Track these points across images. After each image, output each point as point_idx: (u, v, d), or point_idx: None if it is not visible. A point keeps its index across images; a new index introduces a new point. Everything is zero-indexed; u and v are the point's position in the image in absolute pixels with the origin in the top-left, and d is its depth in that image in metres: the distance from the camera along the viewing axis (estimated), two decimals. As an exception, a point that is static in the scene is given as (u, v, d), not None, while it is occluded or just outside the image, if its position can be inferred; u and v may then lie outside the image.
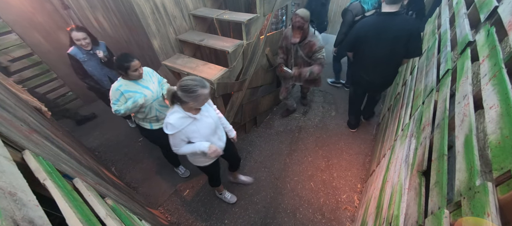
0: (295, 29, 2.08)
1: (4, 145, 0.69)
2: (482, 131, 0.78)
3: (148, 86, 1.78)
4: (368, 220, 1.53)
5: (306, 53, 2.25)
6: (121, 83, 1.68)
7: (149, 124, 1.91)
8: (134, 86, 1.72)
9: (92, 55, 2.19)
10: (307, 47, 2.20)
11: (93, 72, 2.30)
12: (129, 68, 1.61)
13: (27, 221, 0.51)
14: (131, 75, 1.66)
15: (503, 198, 0.57)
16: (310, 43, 2.17)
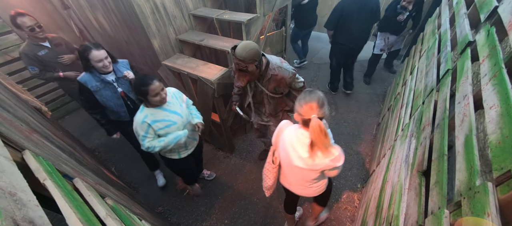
0: (237, 71, 1.50)
1: (4, 145, 0.69)
2: (482, 131, 0.78)
3: (176, 111, 1.52)
4: (368, 220, 1.53)
5: (273, 89, 1.64)
6: (145, 114, 1.40)
7: (177, 154, 1.70)
8: (161, 114, 1.45)
9: (107, 83, 1.70)
10: (272, 82, 1.60)
11: (108, 103, 1.77)
12: (147, 93, 1.33)
13: (27, 221, 0.51)
14: (153, 101, 1.37)
15: (503, 198, 0.57)
16: (277, 77, 1.56)
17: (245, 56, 1.37)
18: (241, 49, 1.37)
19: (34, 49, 2.06)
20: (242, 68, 1.42)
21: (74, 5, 2.44)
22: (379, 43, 3.25)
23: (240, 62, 1.39)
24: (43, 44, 2.13)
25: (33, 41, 2.07)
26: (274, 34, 2.72)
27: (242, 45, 1.39)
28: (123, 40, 2.34)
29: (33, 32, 2.01)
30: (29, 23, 1.97)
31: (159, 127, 1.44)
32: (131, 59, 2.56)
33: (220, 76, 1.97)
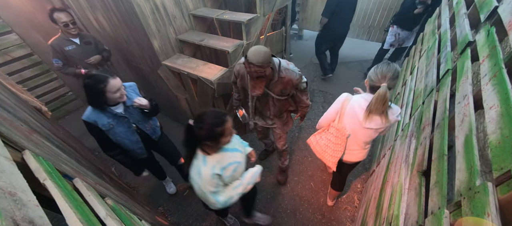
0: (253, 79, 1.44)
1: (4, 145, 0.69)
2: (482, 131, 0.78)
3: (236, 147, 1.27)
4: (368, 220, 1.53)
5: (279, 92, 1.59)
6: (212, 164, 1.11)
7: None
8: (226, 157, 1.18)
9: (119, 117, 1.43)
10: (279, 85, 1.55)
11: (123, 141, 1.51)
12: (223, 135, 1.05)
13: (27, 221, 0.51)
14: (223, 142, 1.10)
15: (503, 198, 0.57)
16: (284, 80, 1.51)
17: (262, 61, 1.30)
18: (256, 55, 1.30)
19: (62, 44, 2.13)
20: (261, 74, 1.37)
21: (74, 5, 2.44)
22: (390, 39, 3.26)
23: (258, 69, 1.32)
24: (73, 40, 2.19)
25: (64, 36, 2.14)
26: (274, 34, 2.72)
27: (255, 52, 1.31)
28: (123, 40, 2.34)
29: (67, 28, 2.08)
30: (65, 19, 2.05)
31: (228, 173, 1.18)
32: (131, 59, 2.57)
33: (220, 76, 1.97)
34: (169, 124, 3.22)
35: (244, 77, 1.61)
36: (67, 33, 2.13)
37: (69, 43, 2.16)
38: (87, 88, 1.26)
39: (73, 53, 2.19)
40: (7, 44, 2.67)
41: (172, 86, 2.40)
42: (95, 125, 1.36)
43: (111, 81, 1.28)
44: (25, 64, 2.88)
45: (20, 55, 2.80)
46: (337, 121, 1.48)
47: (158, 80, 2.46)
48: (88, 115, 1.35)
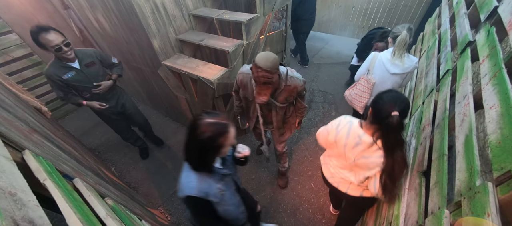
0: (260, 84, 1.37)
1: (4, 145, 0.69)
2: (482, 131, 0.78)
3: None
4: (368, 220, 1.53)
5: (284, 99, 1.56)
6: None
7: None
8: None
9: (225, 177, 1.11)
10: (284, 93, 1.52)
11: (229, 208, 1.17)
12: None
13: (27, 221, 0.51)
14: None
15: (503, 198, 0.57)
16: (290, 88, 1.49)
17: (271, 66, 1.26)
18: (265, 60, 1.26)
19: (59, 72, 1.71)
20: (268, 80, 1.31)
21: (74, 5, 2.44)
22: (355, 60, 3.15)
23: (266, 74, 1.27)
24: (71, 65, 1.76)
25: (59, 62, 1.72)
26: (274, 34, 2.72)
27: (265, 56, 1.28)
28: (123, 40, 2.34)
29: (60, 52, 1.62)
30: (56, 41, 1.56)
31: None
32: (131, 59, 2.57)
33: (220, 76, 1.97)
34: (169, 125, 3.22)
35: (247, 87, 1.56)
36: (62, 58, 1.69)
37: (67, 70, 1.74)
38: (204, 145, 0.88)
39: (75, 80, 1.80)
40: (7, 44, 2.67)
41: (172, 86, 2.40)
42: (206, 199, 0.99)
43: (231, 130, 0.93)
44: (25, 64, 2.88)
45: (20, 55, 2.80)
46: (366, 74, 1.84)
47: (158, 80, 2.46)
48: (197, 186, 0.96)
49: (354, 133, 1.14)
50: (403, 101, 0.97)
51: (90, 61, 1.86)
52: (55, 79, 1.72)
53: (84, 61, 1.82)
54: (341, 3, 4.38)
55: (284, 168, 2.27)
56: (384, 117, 0.96)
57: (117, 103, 2.21)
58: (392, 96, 0.99)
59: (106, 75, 2.03)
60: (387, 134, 0.99)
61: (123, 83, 3.60)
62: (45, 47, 1.56)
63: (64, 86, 1.79)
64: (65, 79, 1.75)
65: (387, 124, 0.95)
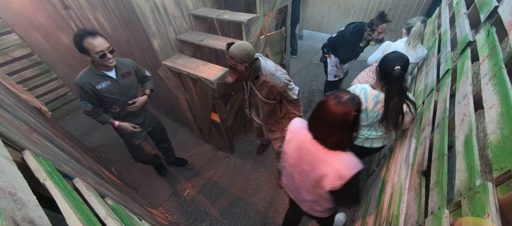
0: (228, 66, 1.51)
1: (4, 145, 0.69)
2: (482, 131, 0.78)
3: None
4: (368, 220, 1.53)
5: (265, 95, 1.64)
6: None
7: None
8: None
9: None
10: (264, 89, 1.61)
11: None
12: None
13: (27, 221, 0.51)
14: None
15: (503, 198, 0.57)
16: (268, 84, 1.56)
17: (235, 54, 1.37)
18: (235, 47, 1.39)
19: (93, 81, 1.56)
20: (231, 65, 1.44)
21: (74, 5, 2.44)
22: (332, 70, 2.88)
23: (229, 59, 1.41)
24: (107, 74, 1.61)
25: (95, 70, 1.57)
26: (274, 34, 2.72)
27: (237, 44, 1.41)
28: (123, 40, 2.34)
29: (104, 59, 1.50)
30: (102, 46, 1.46)
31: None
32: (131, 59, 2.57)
33: (220, 76, 1.97)
34: (169, 125, 3.22)
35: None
36: (103, 66, 1.55)
37: (103, 79, 1.59)
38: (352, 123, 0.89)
39: (108, 91, 1.63)
40: (7, 44, 2.67)
41: (172, 86, 2.40)
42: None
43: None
44: (25, 64, 2.88)
45: (20, 55, 2.80)
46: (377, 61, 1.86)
47: (158, 80, 2.46)
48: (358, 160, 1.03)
49: (370, 95, 1.39)
50: (404, 58, 1.26)
51: (126, 72, 1.71)
52: (87, 89, 1.54)
53: (121, 71, 1.67)
54: (341, 3, 4.38)
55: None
56: (389, 72, 1.24)
57: (145, 122, 2.00)
58: (395, 56, 1.29)
59: (139, 89, 1.86)
60: (390, 84, 1.25)
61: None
62: (87, 52, 1.45)
63: (94, 98, 1.61)
64: (98, 90, 1.58)
65: (391, 76, 1.23)
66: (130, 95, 1.76)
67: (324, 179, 0.97)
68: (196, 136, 3.00)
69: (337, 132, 0.90)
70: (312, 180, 1.04)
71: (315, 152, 0.98)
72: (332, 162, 0.93)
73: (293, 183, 1.21)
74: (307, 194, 1.15)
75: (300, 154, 1.05)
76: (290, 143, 1.10)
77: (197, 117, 2.59)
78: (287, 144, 1.13)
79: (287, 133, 1.14)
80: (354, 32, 2.43)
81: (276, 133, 1.98)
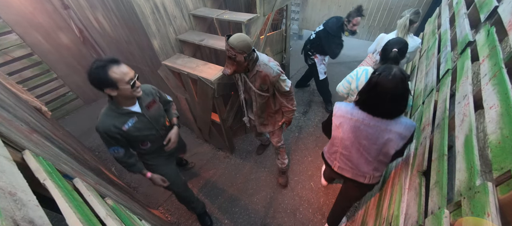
0: (227, 57, 1.53)
1: (4, 145, 0.69)
2: (482, 131, 0.78)
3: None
4: (368, 220, 1.53)
5: (259, 86, 1.67)
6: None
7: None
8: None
9: None
10: (258, 79, 1.63)
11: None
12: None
13: (27, 221, 0.51)
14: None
15: (503, 198, 0.57)
16: (261, 74, 1.59)
17: (235, 45, 1.41)
18: (234, 38, 1.43)
19: (118, 122, 1.27)
20: (231, 55, 1.47)
21: (74, 5, 2.44)
22: (322, 68, 2.92)
23: (230, 49, 1.44)
24: (131, 110, 1.31)
25: (116, 109, 1.27)
26: (274, 34, 2.72)
27: (236, 35, 1.45)
28: (123, 40, 2.34)
29: (134, 89, 1.22)
30: (131, 73, 1.20)
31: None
32: (131, 59, 2.57)
33: (220, 76, 1.97)
34: (169, 124, 3.22)
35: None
36: (126, 100, 1.27)
37: (128, 117, 1.30)
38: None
39: (136, 130, 1.34)
40: (7, 44, 2.67)
41: (172, 86, 2.40)
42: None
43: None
44: (25, 64, 2.88)
45: (20, 55, 2.80)
46: (373, 54, 2.23)
47: (158, 80, 2.46)
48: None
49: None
50: (402, 43, 1.53)
51: (150, 101, 1.43)
52: (114, 134, 1.26)
53: (145, 102, 1.39)
54: (341, 3, 4.38)
55: (284, 164, 2.28)
56: (388, 53, 1.51)
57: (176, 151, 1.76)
58: (395, 40, 1.55)
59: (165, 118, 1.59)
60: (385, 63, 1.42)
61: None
62: (115, 85, 1.15)
63: (123, 142, 1.34)
64: (125, 131, 1.30)
65: (388, 57, 1.50)
66: (159, 126, 1.50)
67: (388, 144, 1.13)
68: (196, 136, 3.00)
69: (398, 102, 1.05)
70: (374, 151, 1.19)
71: (375, 126, 1.13)
72: (393, 128, 1.10)
73: (350, 163, 1.33)
74: (367, 165, 1.27)
75: (357, 133, 1.19)
76: (342, 127, 1.24)
77: (197, 117, 2.59)
78: (338, 128, 1.26)
79: (335, 119, 1.27)
80: (337, 28, 2.56)
81: (268, 126, 2.00)
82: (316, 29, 2.75)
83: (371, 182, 1.34)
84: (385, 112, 1.10)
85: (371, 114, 1.13)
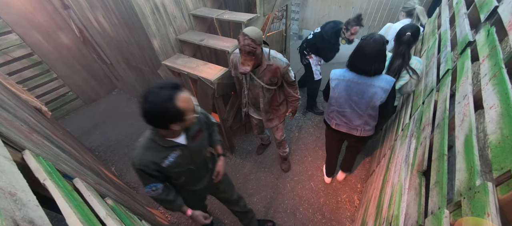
0: (244, 54, 1.46)
1: (4, 145, 0.69)
2: (482, 131, 0.78)
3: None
4: (368, 220, 1.53)
5: (268, 80, 1.65)
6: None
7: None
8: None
9: None
10: (268, 73, 1.62)
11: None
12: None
13: (27, 221, 0.51)
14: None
15: (503, 198, 0.57)
16: (272, 67, 1.59)
17: (256, 36, 1.41)
18: (251, 31, 1.42)
19: (158, 158, 1.05)
20: (251, 50, 1.44)
21: (74, 5, 2.44)
22: (316, 69, 2.87)
23: (251, 43, 1.41)
24: (175, 142, 1.08)
25: (160, 141, 1.05)
26: (274, 34, 2.72)
27: (250, 28, 1.45)
28: (123, 40, 2.34)
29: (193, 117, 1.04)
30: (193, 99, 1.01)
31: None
32: (131, 59, 2.57)
33: (220, 76, 1.97)
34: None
35: (237, 66, 1.65)
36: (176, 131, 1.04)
37: (170, 151, 1.08)
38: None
39: (176, 165, 1.12)
40: (7, 44, 2.67)
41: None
42: None
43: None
44: (25, 64, 2.88)
45: (20, 55, 2.80)
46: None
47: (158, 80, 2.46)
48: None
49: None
50: (415, 27, 1.69)
51: (197, 130, 1.19)
52: (151, 171, 1.05)
53: (191, 131, 1.14)
54: (341, 3, 4.38)
55: (285, 153, 2.41)
56: (402, 37, 1.62)
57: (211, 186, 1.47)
58: (409, 25, 1.71)
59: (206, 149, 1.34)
60: (398, 47, 1.62)
61: (122, 84, 3.61)
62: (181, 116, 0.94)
63: (161, 177, 1.13)
64: (165, 167, 1.08)
65: (402, 40, 1.61)
66: (200, 159, 1.27)
67: (374, 97, 1.39)
68: (196, 136, 3.00)
69: (377, 61, 1.32)
70: (363, 105, 1.46)
71: (362, 83, 1.40)
72: (376, 83, 1.37)
73: (344, 118, 1.61)
74: (358, 119, 1.55)
75: (349, 91, 1.46)
76: (337, 87, 1.51)
77: (197, 116, 2.59)
78: (334, 90, 1.53)
79: (332, 82, 1.53)
80: (332, 34, 2.53)
81: (274, 121, 2.02)
82: (315, 30, 2.75)
83: (362, 135, 1.63)
84: (367, 70, 1.35)
85: (357, 73, 1.40)
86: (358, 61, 1.38)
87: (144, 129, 1.08)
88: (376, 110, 1.46)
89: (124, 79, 3.37)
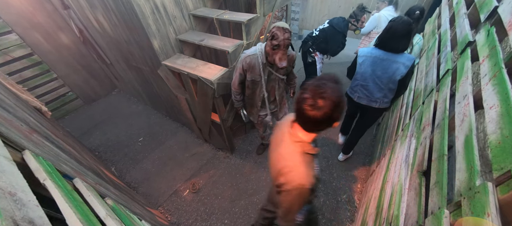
0: (283, 49, 1.49)
1: (4, 145, 0.69)
2: (482, 131, 0.78)
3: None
4: (368, 220, 1.53)
5: (284, 72, 1.77)
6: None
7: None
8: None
9: None
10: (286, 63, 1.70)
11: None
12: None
13: (27, 221, 0.51)
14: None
15: (503, 198, 0.57)
16: (289, 57, 1.68)
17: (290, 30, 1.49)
18: (286, 25, 1.48)
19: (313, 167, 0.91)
20: (290, 42, 1.52)
21: (74, 5, 2.44)
22: (320, 67, 2.94)
23: (290, 36, 1.48)
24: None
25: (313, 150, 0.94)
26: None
27: (282, 23, 1.49)
28: (123, 40, 2.34)
29: None
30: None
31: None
32: (131, 59, 2.57)
33: (220, 76, 1.97)
34: (169, 125, 3.22)
35: (255, 68, 1.70)
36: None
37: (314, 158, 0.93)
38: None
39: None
40: (7, 44, 2.67)
41: (172, 86, 2.40)
42: None
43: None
44: (25, 64, 2.88)
45: (20, 55, 2.80)
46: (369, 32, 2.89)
47: (158, 80, 2.46)
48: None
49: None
50: (421, 6, 2.00)
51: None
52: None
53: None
54: (341, 3, 4.38)
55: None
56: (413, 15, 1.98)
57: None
58: (416, 6, 2.04)
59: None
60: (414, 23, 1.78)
61: (122, 84, 3.61)
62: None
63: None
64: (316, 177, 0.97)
65: (413, 18, 1.93)
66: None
67: (396, 72, 1.62)
68: (196, 136, 3.00)
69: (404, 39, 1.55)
70: (385, 79, 1.69)
71: (387, 59, 1.64)
72: (399, 60, 1.60)
73: (366, 91, 1.85)
74: (379, 92, 1.78)
75: (374, 67, 1.70)
76: (364, 63, 1.75)
77: (197, 117, 2.59)
78: (361, 65, 1.77)
79: (359, 58, 1.77)
80: (344, 26, 2.69)
81: (282, 110, 2.16)
82: (319, 27, 2.77)
83: (381, 106, 1.85)
84: (396, 47, 1.58)
85: (385, 51, 1.63)
86: (388, 39, 1.58)
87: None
88: (396, 84, 1.67)
89: (124, 79, 3.37)
